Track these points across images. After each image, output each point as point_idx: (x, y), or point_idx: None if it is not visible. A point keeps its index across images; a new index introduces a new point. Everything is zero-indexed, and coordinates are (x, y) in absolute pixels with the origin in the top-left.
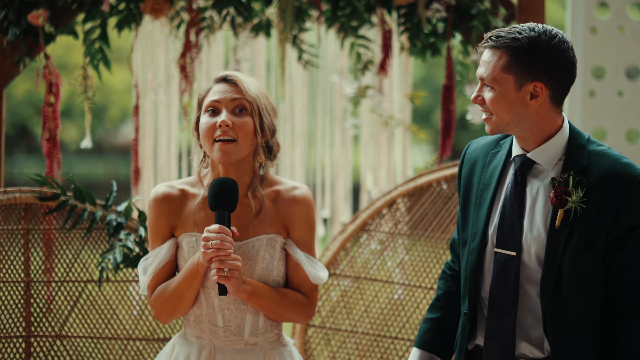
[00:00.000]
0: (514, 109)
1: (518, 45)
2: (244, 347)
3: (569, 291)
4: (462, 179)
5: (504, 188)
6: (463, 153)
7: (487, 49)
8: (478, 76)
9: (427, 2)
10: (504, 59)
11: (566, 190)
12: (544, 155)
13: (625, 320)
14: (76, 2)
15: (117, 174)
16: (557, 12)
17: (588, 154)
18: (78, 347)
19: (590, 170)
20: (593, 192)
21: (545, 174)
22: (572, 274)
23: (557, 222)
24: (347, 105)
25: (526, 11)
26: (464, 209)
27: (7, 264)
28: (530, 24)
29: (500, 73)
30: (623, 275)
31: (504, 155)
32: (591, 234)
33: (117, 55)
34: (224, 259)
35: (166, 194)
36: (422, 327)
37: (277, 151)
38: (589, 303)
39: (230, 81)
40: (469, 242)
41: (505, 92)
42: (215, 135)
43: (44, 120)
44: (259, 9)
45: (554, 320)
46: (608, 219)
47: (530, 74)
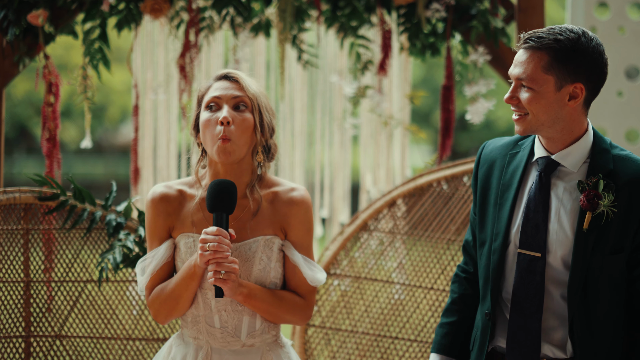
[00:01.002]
0: (551, 109)
1: (561, 46)
2: (240, 348)
3: (597, 294)
4: (479, 179)
5: (527, 189)
6: (479, 153)
7: (526, 49)
8: (513, 76)
9: (426, 2)
10: (546, 59)
11: (598, 194)
12: (570, 157)
13: None
14: (76, 2)
15: (117, 174)
16: (556, 12)
17: (613, 158)
18: (78, 347)
19: (616, 174)
20: (620, 196)
21: (570, 177)
22: (600, 277)
23: (585, 225)
24: (347, 105)
25: (526, 11)
26: (482, 209)
27: (6, 264)
28: (567, 25)
29: (541, 74)
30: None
31: (525, 156)
32: (618, 237)
33: (117, 55)
34: (221, 261)
35: (163, 195)
36: (439, 331)
37: (274, 152)
38: (614, 305)
39: (231, 78)
40: (488, 242)
41: (545, 93)
42: (216, 131)
43: (44, 120)
44: (258, 9)
45: (582, 323)
46: (635, 222)
47: (571, 75)
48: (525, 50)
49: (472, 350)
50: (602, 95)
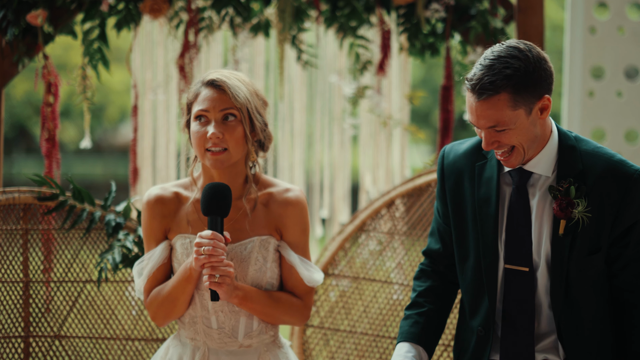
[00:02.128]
0: (530, 132)
1: (515, 79)
2: (238, 349)
3: (580, 296)
4: (447, 191)
5: (505, 203)
6: (441, 164)
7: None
8: (478, 126)
9: (426, 3)
10: (507, 97)
11: (570, 202)
12: (541, 163)
13: (635, 313)
14: (75, 2)
15: (116, 174)
16: (556, 12)
17: (580, 155)
18: (77, 347)
19: (586, 172)
20: (592, 194)
21: (544, 181)
22: (580, 279)
23: (560, 231)
24: (346, 105)
25: (525, 11)
26: (459, 223)
27: (6, 264)
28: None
29: (511, 113)
30: (629, 271)
31: (494, 167)
32: (595, 237)
33: (116, 56)
34: (216, 265)
35: (159, 197)
36: (405, 323)
37: (269, 143)
38: (599, 303)
39: (218, 87)
40: (473, 259)
41: (521, 124)
42: (207, 145)
43: (43, 120)
44: (258, 9)
45: (569, 326)
46: (609, 219)
47: (535, 95)
48: (482, 100)
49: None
50: (601, 96)
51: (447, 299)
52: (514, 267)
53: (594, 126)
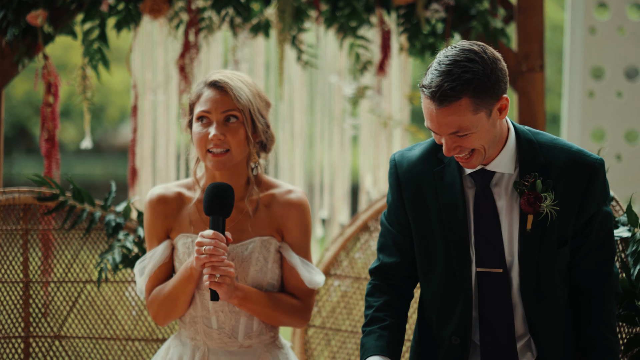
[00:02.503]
0: (491, 134)
1: (475, 83)
2: (237, 349)
3: (550, 290)
4: (406, 201)
5: (471, 205)
6: (394, 174)
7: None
8: (439, 132)
9: (426, 3)
10: (468, 102)
11: (538, 196)
12: (503, 163)
13: (596, 299)
14: (75, 2)
15: (116, 174)
16: (556, 12)
17: (540, 147)
18: (77, 347)
19: (548, 166)
20: (557, 187)
21: (508, 178)
22: (550, 273)
23: (528, 226)
24: (346, 105)
25: (525, 11)
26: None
27: (5, 264)
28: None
29: (472, 117)
30: (590, 258)
31: (455, 172)
32: (562, 230)
33: (116, 56)
34: (216, 265)
35: (161, 196)
36: (369, 338)
37: (271, 144)
38: (564, 293)
39: (220, 88)
40: (442, 267)
41: (482, 127)
42: (208, 146)
43: (43, 120)
44: (258, 10)
45: (541, 322)
46: (574, 210)
47: (494, 97)
48: (443, 106)
49: None
50: (602, 96)
51: (404, 314)
52: (487, 270)
53: (594, 126)
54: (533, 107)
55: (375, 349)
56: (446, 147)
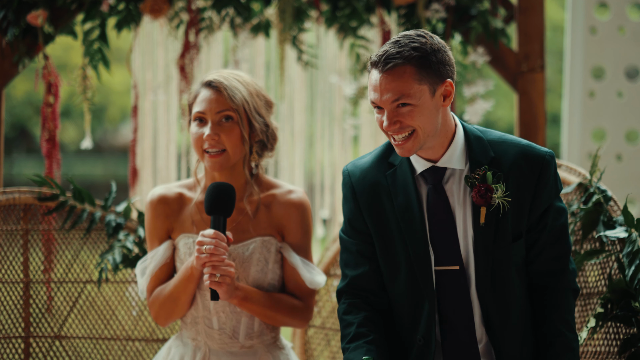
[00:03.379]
0: (433, 117)
1: (422, 52)
2: (238, 349)
3: (505, 285)
4: (363, 209)
5: (424, 204)
6: (348, 184)
7: (389, 70)
8: (385, 101)
9: (426, 3)
10: (412, 70)
11: (489, 188)
12: (453, 158)
13: (552, 295)
14: (75, 2)
15: (116, 174)
16: (556, 12)
17: (489, 144)
18: (77, 347)
19: (499, 160)
20: (508, 181)
21: (459, 174)
22: (505, 268)
23: (481, 220)
24: (347, 105)
25: (525, 11)
26: (382, 238)
27: (6, 264)
28: (403, 32)
29: (416, 85)
30: (545, 254)
31: (407, 172)
32: (516, 223)
33: (117, 56)
34: (217, 264)
35: (162, 197)
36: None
37: (274, 143)
38: (522, 289)
39: (214, 87)
40: (405, 268)
41: (424, 103)
42: (204, 146)
43: (43, 120)
44: (258, 10)
45: (497, 315)
46: (527, 203)
47: (438, 76)
48: (388, 72)
49: None
50: (602, 96)
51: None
52: (444, 268)
53: (594, 126)
54: (533, 107)
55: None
56: (387, 119)
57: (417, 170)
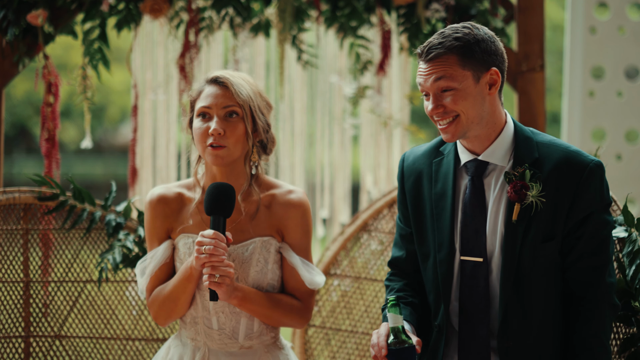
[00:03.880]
0: (477, 103)
1: (464, 41)
2: (238, 350)
3: (530, 283)
4: (407, 193)
5: (461, 195)
6: (400, 167)
7: (433, 59)
8: (430, 86)
9: (426, 3)
10: (455, 58)
11: (525, 185)
12: (496, 153)
13: (585, 307)
14: (75, 2)
15: (116, 174)
16: (556, 12)
17: (537, 145)
18: (77, 347)
19: (542, 161)
20: (548, 183)
21: (500, 171)
22: (532, 266)
23: (513, 216)
24: (346, 105)
25: (525, 11)
26: (418, 223)
27: (6, 264)
28: (451, 25)
29: (459, 70)
30: (582, 263)
31: (451, 162)
32: (549, 225)
33: (116, 56)
34: (216, 265)
35: (162, 197)
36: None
37: (272, 146)
38: (550, 294)
39: (221, 83)
40: (432, 255)
41: (467, 88)
42: (208, 141)
43: (43, 120)
44: (258, 9)
45: (516, 313)
46: (564, 208)
47: (483, 64)
48: (432, 60)
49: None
50: (602, 96)
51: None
52: (468, 259)
53: (594, 126)
54: (533, 107)
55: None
56: (432, 104)
57: (462, 161)
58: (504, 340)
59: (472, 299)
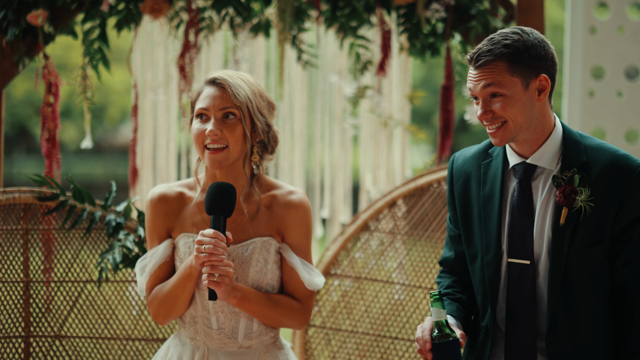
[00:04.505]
0: (526, 109)
1: (513, 49)
2: (237, 350)
3: (577, 287)
4: (456, 194)
5: (509, 197)
6: (450, 168)
7: (482, 65)
8: (480, 91)
9: (426, 3)
10: (504, 65)
11: (574, 189)
12: (544, 156)
13: (635, 312)
14: (75, 2)
15: (116, 174)
16: (556, 12)
17: (585, 148)
18: (77, 347)
19: (590, 165)
20: (595, 187)
21: (548, 175)
22: (579, 270)
23: (561, 220)
24: (346, 105)
25: (525, 11)
26: (466, 224)
27: (6, 264)
28: (500, 30)
29: (508, 77)
30: (630, 268)
31: (499, 164)
32: (596, 229)
33: (117, 56)
34: (215, 264)
35: (162, 195)
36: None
37: (274, 145)
38: (598, 298)
39: (219, 85)
40: (480, 256)
41: (516, 94)
42: (206, 142)
43: (43, 120)
44: (258, 9)
45: (563, 316)
46: (612, 212)
47: (532, 70)
48: (481, 67)
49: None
50: (602, 96)
51: (469, 294)
52: (516, 261)
53: (594, 126)
54: None
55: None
56: (481, 109)
57: (510, 164)
58: (552, 343)
59: (519, 301)
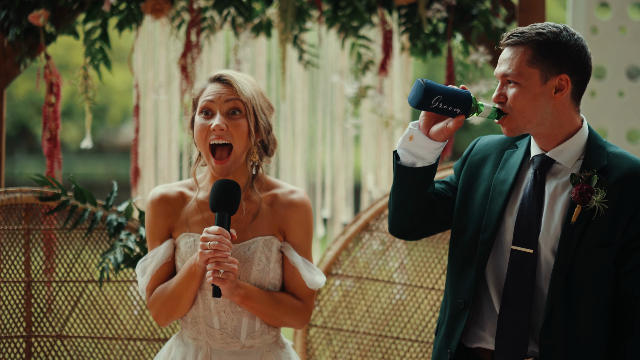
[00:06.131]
0: (538, 103)
1: (543, 38)
2: (240, 349)
3: (579, 286)
4: (467, 163)
5: (522, 186)
6: (473, 143)
7: (509, 46)
8: (499, 74)
9: (427, 2)
10: (529, 53)
11: (590, 188)
12: (564, 153)
13: (636, 321)
14: (77, 2)
15: (118, 174)
16: (557, 12)
17: (607, 154)
18: (79, 347)
19: (609, 170)
20: (612, 192)
21: (564, 173)
22: (583, 270)
23: (573, 218)
24: (348, 105)
25: (527, 11)
26: (465, 195)
27: (7, 264)
28: (550, 22)
29: (526, 67)
30: (636, 275)
31: (521, 155)
32: (607, 232)
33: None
34: (220, 260)
35: (163, 196)
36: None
37: (273, 148)
38: (599, 302)
39: (224, 81)
40: (471, 232)
41: (531, 86)
42: (210, 138)
43: (45, 120)
44: (259, 9)
45: (561, 313)
46: (625, 218)
47: (555, 67)
48: (509, 47)
49: (437, 335)
50: (603, 96)
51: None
52: (519, 249)
53: (595, 126)
54: None
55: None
56: (497, 91)
57: (531, 155)
58: (546, 337)
59: (517, 287)
